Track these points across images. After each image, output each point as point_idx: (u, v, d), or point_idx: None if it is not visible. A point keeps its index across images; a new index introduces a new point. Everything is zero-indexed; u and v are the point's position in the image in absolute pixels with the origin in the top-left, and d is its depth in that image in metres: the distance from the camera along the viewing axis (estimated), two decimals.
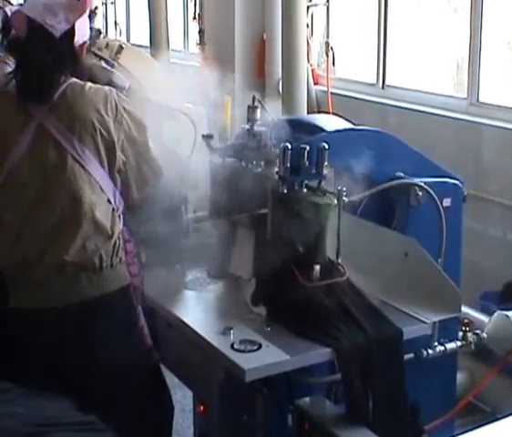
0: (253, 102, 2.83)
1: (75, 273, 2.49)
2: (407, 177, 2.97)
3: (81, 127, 2.50)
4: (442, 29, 5.98)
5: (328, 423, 2.35)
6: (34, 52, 2.53)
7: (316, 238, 2.57)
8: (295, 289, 2.52)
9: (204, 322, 2.58)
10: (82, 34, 2.61)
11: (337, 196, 2.57)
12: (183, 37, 8.67)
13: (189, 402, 3.85)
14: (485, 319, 3.45)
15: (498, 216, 5.15)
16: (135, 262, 2.70)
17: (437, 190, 2.96)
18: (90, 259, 2.49)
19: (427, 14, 6.05)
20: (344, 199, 2.57)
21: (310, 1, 6.75)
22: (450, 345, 2.90)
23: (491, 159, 5.17)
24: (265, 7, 7.05)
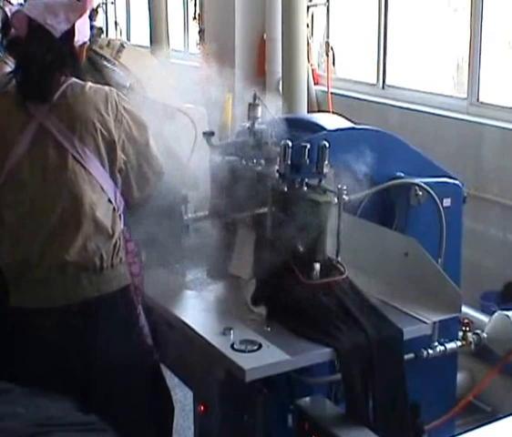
0: (254, 99, 2.83)
1: (75, 273, 2.48)
2: (407, 177, 2.97)
3: (82, 127, 2.49)
4: (442, 29, 5.98)
5: (328, 423, 2.35)
6: (34, 52, 2.52)
7: (316, 236, 2.57)
8: (295, 287, 2.52)
9: (204, 322, 2.58)
10: (82, 34, 2.61)
11: (337, 194, 2.57)
12: (183, 37, 8.67)
13: (190, 402, 3.86)
14: (485, 319, 3.45)
15: (498, 216, 5.15)
16: (135, 262, 2.70)
17: (437, 190, 2.96)
18: (91, 259, 2.49)
19: (427, 14, 6.05)
20: (345, 198, 2.57)
21: (310, 1, 6.76)
22: (450, 345, 2.89)
23: (491, 159, 5.17)
24: (265, 7, 7.05)
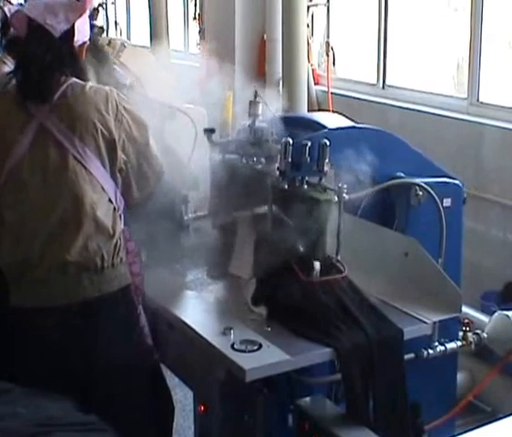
0: (255, 97, 2.82)
1: (76, 273, 2.48)
2: (408, 177, 2.97)
3: (82, 127, 2.49)
4: (442, 29, 5.98)
5: (328, 423, 2.35)
6: (34, 52, 2.52)
7: (316, 234, 2.57)
8: (295, 285, 2.52)
9: (204, 322, 2.58)
10: (82, 34, 2.61)
11: (337, 193, 2.57)
12: (183, 37, 8.67)
13: (190, 402, 3.86)
14: (485, 319, 3.45)
15: (499, 216, 5.15)
16: (136, 262, 2.69)
17: (438, 190, 2.96)
18: (92, 259, 2.49)
19: (427, 14, 6.05)
20: (345, 196, 2.57)
21: (310, 1, 6.76)
22: (450, 345, 2.89)
23: (491, 159, 5.17)
24: (265, 7, 7.05)
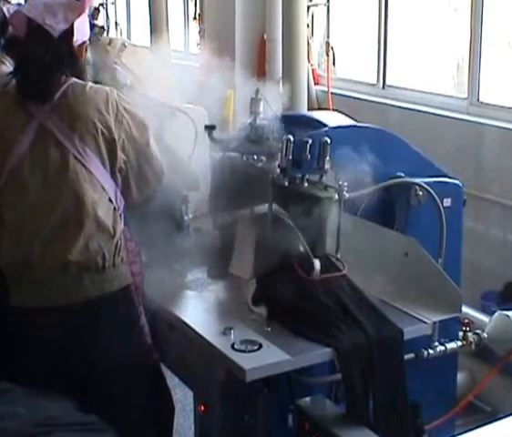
0: (256, 94, 2.82)
1: (77, 273, 2.48)
2: (408, 177, 2.97)
3: (82, 127, 2.50)
4: (442, 29, 5.98)
5: (328, 423, 2.35)
6: (33, 52, 2.52)
7: (316, 232, 2.57)
8: (295, 283, 2.52)
9: (205, 322, 2.58)
10: (82, 33, 2.61)
11: (338, 191, 2.57)
12: (184, 38, 8.67)
13: (190, 402, 3.86)
14: (485, 319, 3.45)
15: (499, 216, 5.15)
16: (136, 261, 2.70)
17: (438, 190, 2.96)
18: (93, 259, 2.50)
19: (428, 14, 6.05)
20: (345, 195, 2.57)
21: (310, 1, 6.76)
22: (450, 345, 2.90)
23: (491, 159, 5.17)
24: (266, 7, 7.05)
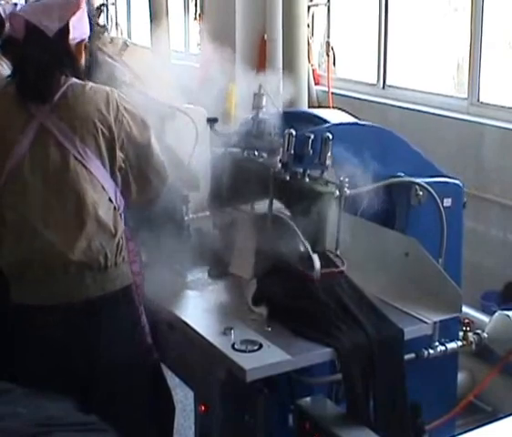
0: (259, 90, 2.81)
1: (79, 272, 2.48)
2: (408, 177, 2.97)
3: (83, 127, 2.50)
4: (442, 29, 5.98)
5: (329, 423, 2.35)
6: (31, 53, 2.52)
7: (317, 227, 2.56)
8: (295, 282, 2.52)
9: (205, 322, 2.58)
10: (79, 31, 2.58)
11: (339, 186, 2.57)
12: (184, 38, 8.66)
13: (191, 402, 3.85)
14: (485, 319, 3.45)
15: (499, 216, 5.15)
16: (136, 261, 2.70)
17: (438, 190, 2.96)
18: (96, 258, 2.50)
19: (428, 14, 6.05)
20: (346, 191, 2.56)
21: (311, 1, 6.76)
22: (451, 345, 2.90)
23: (492, 159, 5.17)
24: (266, 7, 7.05)
